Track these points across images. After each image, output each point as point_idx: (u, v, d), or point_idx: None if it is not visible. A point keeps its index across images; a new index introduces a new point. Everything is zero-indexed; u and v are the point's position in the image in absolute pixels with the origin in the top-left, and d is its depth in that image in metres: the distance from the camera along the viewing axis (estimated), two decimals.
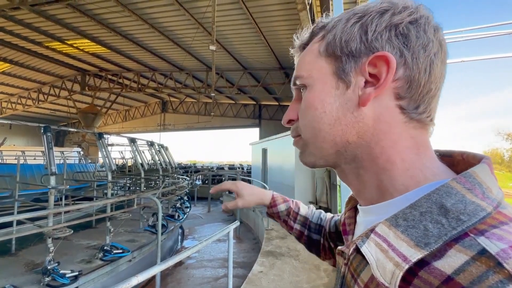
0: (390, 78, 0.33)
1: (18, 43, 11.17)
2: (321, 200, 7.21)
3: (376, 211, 0.36)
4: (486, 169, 0.31)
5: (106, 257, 4.15)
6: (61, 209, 4.43)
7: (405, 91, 0.34)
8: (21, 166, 5.82)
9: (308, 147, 0.40)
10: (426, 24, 0.34)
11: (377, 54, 0.33)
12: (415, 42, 0.33)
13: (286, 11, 8.05)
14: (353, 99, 0.35)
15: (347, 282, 0.37)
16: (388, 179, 0.34)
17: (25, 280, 3.41)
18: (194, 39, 9.92)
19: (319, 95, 0.37)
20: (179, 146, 68.66)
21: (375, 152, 0.35)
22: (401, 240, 0.28)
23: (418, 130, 0.35)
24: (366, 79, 0.35)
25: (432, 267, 0.26)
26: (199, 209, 12.47)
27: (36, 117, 22.88)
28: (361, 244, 0.32)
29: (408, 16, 0.34)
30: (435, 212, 0.28)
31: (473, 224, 0.26)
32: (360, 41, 0.35)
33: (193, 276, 5.42)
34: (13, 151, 15.30)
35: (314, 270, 3.91)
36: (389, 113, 0.34)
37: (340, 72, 0.36)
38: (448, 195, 0.28)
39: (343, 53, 0.36)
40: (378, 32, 0.34)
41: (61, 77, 16.08)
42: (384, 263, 0.29)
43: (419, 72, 0.33)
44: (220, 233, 2.69)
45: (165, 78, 15.33)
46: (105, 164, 5.18)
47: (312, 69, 0.39)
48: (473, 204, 0.27)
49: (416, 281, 0.26)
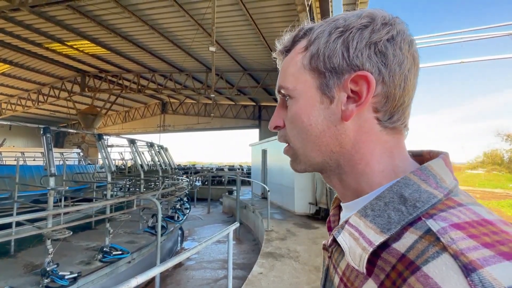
0: (370, 96, 0.36)
1: (18, 44, 11.18)
2: (320, 201, 7.20)
3: (354, 206, 0.39)
4: (441, 163, 0.35)
5: (106, 259, 4.14)
6: (60, 210, 4.42)
7: (382, 105, 0.37)
8: (21, 167, 5.82)
9: (298, 156, 0.43)
10: (402, 41, 0.37)
11: (359, 74, 0.36)
12: (392, 60, 0.36)
13: (285, 12, 8.07)
14: (337, 113, 0.38)
15: (330, 273, 0.42)
16: (366, 180, 0.38)
17: (24, 282, 3.40)
18: (194, 40, 9.93)
19: (305, 109, 0.40)
20: (179, 147, 68.68)
21: (355, 159, 0.38)
22: (370, 228, 0.33)
23: (391, 136, 0.38)
24: (348, 94, 0.37)
25: (391, 248, 0.30)
26: (198, 210, 12.45)
27: (36, 118, 22.87)
28: (337, 234, 0.37)
29: (386, 34, 0.36)
30: (396, 202, 0.32)
31: (425, 210, 0.30)
32: (342, 57, 0.37)
33: (192, 277, 5.41)
34: (12, 152, 15.28)
35: (314, 272, 3.91)
36: (368, 124, 0.38)
37: (324, 87, 0.38)
38: (407, 186, 0.33)
39: (326, 68, 0.38)
40: (359, 49, 0.36)
41: (61, 78, 16.09)
42: (355, 249, 0.33)
43: (394, 88, 0.36)
44: (220, 235, 2.69)
45: (165, 79, 15.34)
46: (104, 165, 5.17)
47: (297, 82, 0.41)
48: (426, 192, 0.32)
49: (379, 262, 0.31)
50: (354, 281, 0.34)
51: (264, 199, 9.61)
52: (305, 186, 7.71)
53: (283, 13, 8.15)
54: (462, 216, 0.29)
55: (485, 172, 27.70)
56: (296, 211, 7.74)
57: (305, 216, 7.49)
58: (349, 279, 0.35)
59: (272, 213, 7.33)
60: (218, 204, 13.66)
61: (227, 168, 21.51)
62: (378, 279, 0.30)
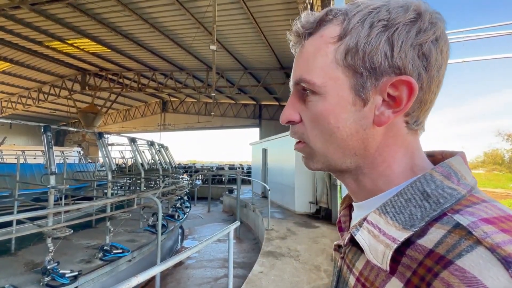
0: (410, 104, 0.34)
1: (19, 43, 11.17)
2: (321, 200, 7.20)
3: (369, 205, 0.38)
4: (460, 160, 0.35)
5: (106, 257, 4.14)
6: (61, 208, 4.42)
7: (414, 110, 0.35)
8: (21, 165, 5.81)
9: (316, 156, 0.40)
10: (444, 44, 0.34)
11: (402, 79, 0.33)
12: (433, 65, 0.34)
13: (286, 10, 8.04)
14: (369, 117, 0.35)
15: (343, 274, 0.40)
16: (384, 181, 0.37)
17: (25, 280, 3.40)
18: (194, 38, 9.91)
19: (334, 109, 0.36)
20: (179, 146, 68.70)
21: (377, 162, 0.37)
22: (390, 225, 0.32)
23: (413, 137, 0.37)
24: (384, 98, 0.35)
25: (417, 244, 0.29)
26: (199, 209, 12.46)
27: (37, 116, 22.88)
28: (355, 232, 0.35)
29: (433, 35, 0.34)
30: (418, 198, 0.32)
31: (450, 205, 0.30)
32: (385, 57, 0.34)
33: (193, 276, 5.41)
34: (13, 150, 15.29)
35: (314, 271, 3.90)
36: (397, 128, 0.36)
37: (358, 88, 0.35)
38: (429, 182, 0.32)
39: (365, 68, 0.34)
40: (404, 50, 0.33)
41: (62, 77, 16.08)
42: (376, 246, 0.32)
43: (429, 94, 0.35)
44: (220, 233, 2.68)
45: (166, 78, 15.33)
46: (105, 163, 5.17)
47: (327, 78, 0.36)
48: (450, 189, 0.31)
49: (404, 259, 0.30)
50: (374, 281, 0.33)
51: (265, 198, 9.60)
52: (306, 185, 7.71)
53: (284, 11, 8.13)
54: (489, 212, 0.29)
55: (485, 172, 27.71)
56: (297, 210, 7.74)
57: (305, 215, 7.49)
58: (367, 279, 0.34)
59: (273, 212, 7.33)
60: (218, 203, 13.67)
61: (228, 167, 21.52)
62: (403, 277, 0.29)
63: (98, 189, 7.70)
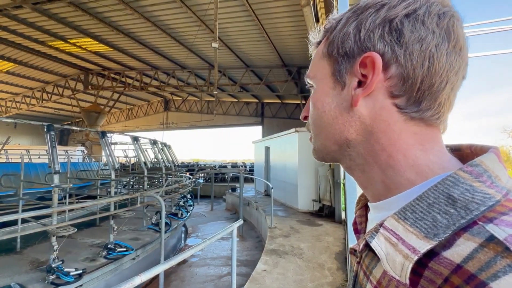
0: (376, 78, 0.33)
1: (22, 42, 11.24)
2: (324, 198, 7.17)
3: (386, 206, 0.36)
4: (494, 158, 0.31)
5: (110, 255, 4.16)
6: (65, 207, 4.45)
7: (399, 89, 0.33)
8: (26, 165, 5.86)
9: (316, 143, 0.43)
10: (426, 15, 0.33)
11: (365, 55, 0.34)
12: (409, 37, 0.33)
13: (289, 7, 7.98)
14: (347, 99, 0.37)
15: (360, 280, 0.38)
16: (393, 174, 0.35)
17: (30, 278, 3.43)
18: (196, 37, 9.89)
19: (320, 95, 0.40)
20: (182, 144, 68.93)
21: (376, 149, 0.36)
22: (410, 233, 0.29)
23: (422, 128, 0.34)
24: (359, 79, 0.35)
25: (441, 257, 0.26)
26: (202, 207, 12.51)
27: (41, 116, 23.08)
28: (370, 239, 0.33)
29: (404, 9, 0.33)
30: (442, 203, 0.28)
31: (481, 212, 0.26)
32: (354, 41, 0.36)
33: (196, 274, 5.43)
34: (18, 150, 15.43)
35: (318, 269, 3.89)
36: (385, 112, 0.35)
37: (336, 73, 0.38)
38: (455, 184, 0.29)
39: (339, 54, 0.37)
40: (371, 30, 0.34)
41: (65, 76, 16.17)
42: (394, 256, 0.29)
43: (413, 68, 0.33)
44: (224, 232, 2.68)
45: (168, 76, 15.34)
46: (108, 162, 5.18)
47: (317, 70, 0.41)
48: (481, 192, 0.28)
49: (427, 273, 0.26)
50: None
51: (267, 196, 9.60)
52: (309, 183, 7.68)
53: (287, 8, 8.07)
54: None
55: None
56: (300, 208, 7.72)
57: (308, 213, 7.47)
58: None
59: (276, 210, 7.32)
60: (221, 201, 13.71)
61: (230, 165, 21.54)
62: None
63: (102, 188, 7.74)
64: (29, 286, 3.24)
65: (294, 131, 7.97)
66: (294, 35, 9.64)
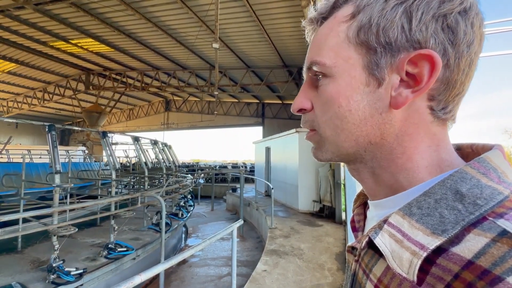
0: (432, 82, 0.30)
1: (24, 43, 11.28)
2: (325, 199, 7.16)
3: (389, 204, 0.35)
4: (499, 155, 0.31)
5: (111, 255, 4.17)
6: (66, 207, 4.46)
7: (439, 93, 0.31)
8: (27, 164, 5.88)
9: (325, 144, 0.37)
10: (475, 16, 0.30)
11: (422, 52, 0.30)
12: (461, 39, 0.30)
13: (289, 8, 7.99)
14: (384, 99, 0.32)
15: (359, 279, 0.36)
16: (406, 176, 0.33)
17: (31, 278, 3.44)
18: (197, 37, 9.91)
19: (345, 91, 0.33)
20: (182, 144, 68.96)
21: (396, 152, 0.33)
22: (416, 229, 0.28)
23: (440, 127, 0.33)
24: (402, 77, 0.31)
25: (450, 253, 0.25)
26: (202, 207, 12.51)
27: (42, 116, 23.14)
28: (374, 236, 0.31)
29: (460, 5, 0.30)
30: (450, 199, 0.28)
31: (491, 208, 0.26)
32: (402, 31, 0.30)
33: (196, 274, 5.43)
34: (19, 149, 15.48)
35: (318, 270, 3.89)
36: (418, 114, 0.32)
37: (373, 66, 0.32)
38: (463, 180, 0.28)
39: (379, 43, 0.31)
40: (424, 22, 0.30)
41: (66, 77, 16.22)
42: (400, 253, 0.28)
43: (458, 73, 0.31)
44: (224, 232, 2.68)
45: (169, 77, 15.37)
46: (109, 162, 5.20)
47: (337, 58, 0.34)
48: (489, 188, 0.27)
49: (434, 269, 0.26)
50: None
51: (268, 196, 9.60)
52: (309, 184, 7.68)
53: (287, 9, 8.07)
54: None
55: None
56: (300, 208, 7.72)
57: (309, 213, 7.47)
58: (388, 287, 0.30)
59: (276, 211, 7.32)
60: (221, 201, 13.70)
61: (231, 166, 21.55)
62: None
63: (103, 188, 7.76)
64: (30, 285, 3.25)
65: (294, 131, 7.97)
66: (294, 35, 9.65)
